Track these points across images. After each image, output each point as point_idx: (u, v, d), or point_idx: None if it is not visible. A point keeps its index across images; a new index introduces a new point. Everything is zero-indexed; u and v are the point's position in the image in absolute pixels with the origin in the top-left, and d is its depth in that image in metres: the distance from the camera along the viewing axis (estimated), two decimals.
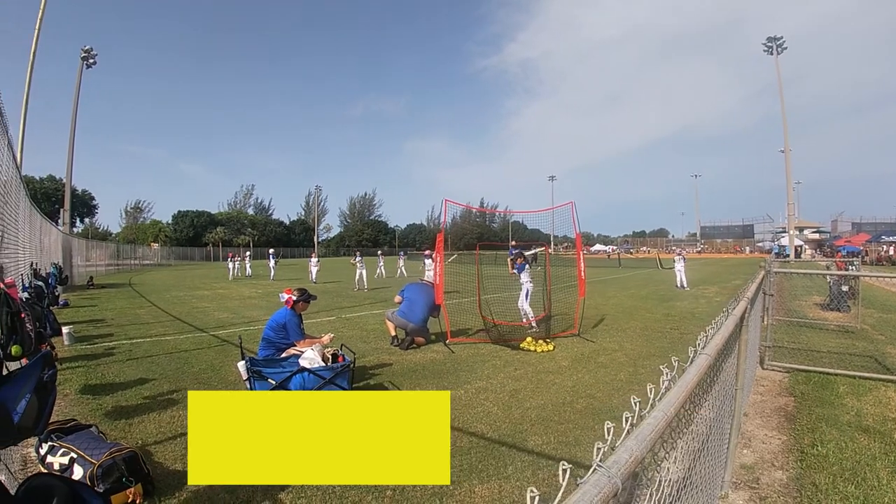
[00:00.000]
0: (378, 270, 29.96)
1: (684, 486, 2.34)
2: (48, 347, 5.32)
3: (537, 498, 0.98)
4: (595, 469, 1.11)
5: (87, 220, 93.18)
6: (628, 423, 1.43)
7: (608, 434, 1.31)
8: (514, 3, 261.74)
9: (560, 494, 1.00)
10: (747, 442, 5.46)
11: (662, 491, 1.78)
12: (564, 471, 1.10)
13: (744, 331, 4.07)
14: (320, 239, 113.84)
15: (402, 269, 34.45)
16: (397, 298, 10.90)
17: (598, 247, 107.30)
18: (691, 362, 2.12)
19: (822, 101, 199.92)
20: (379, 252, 36.08)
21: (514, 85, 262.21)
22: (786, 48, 58.71)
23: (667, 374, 1.84)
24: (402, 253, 38.90)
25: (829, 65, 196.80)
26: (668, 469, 1.90)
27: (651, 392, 1.68)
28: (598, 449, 1.20)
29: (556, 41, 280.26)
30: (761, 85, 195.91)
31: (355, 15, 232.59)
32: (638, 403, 1.53)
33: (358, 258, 25.75)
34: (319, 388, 6.09)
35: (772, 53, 59.24)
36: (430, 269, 20.52)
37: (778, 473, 4.71)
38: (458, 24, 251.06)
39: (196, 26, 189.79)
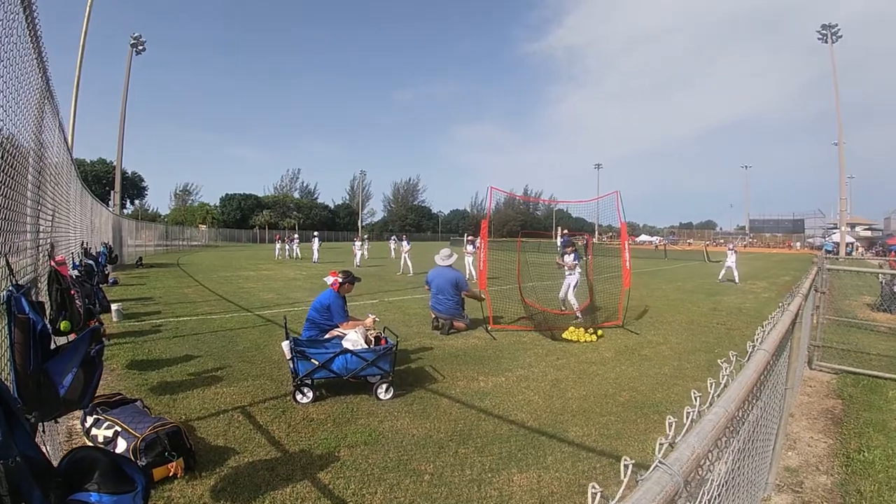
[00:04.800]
0: (361, 253, 29.75)
1: (729, 486, 2.26)
2: (97, 323, 5.42)
3: (599, 495, 0.92)
4: (657, 466, 1.06)
5: (136, 201, 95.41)
6: (689, 419, 1.37)
7: (669, 429, 1.27)
8: None
9: (621, 491, 0.97)
10: (792, 444, 5.31)
11: (711, 491, 1.71)
12: (626, 466, 1.07)
13: (797, 328, 3.97)
14: (364, 223, 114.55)
15: (396, 251, 34.60)
16: (426, 287, 10.92)
17: (643, 237, 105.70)
18: (749, 357, 2.06)
19: (880, 93, 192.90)
20: (366, 237, 35.74)
21: (558, 72, 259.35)
22: (841, 36, 56.53)
23: (725, 368, 1.77)
24: (392, 237, 38.83)
25: (889, 54, 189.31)
26: (718, 469, 1.82)
27: (711, 387, 1.61)
28: (661, 445, 1.16)
29: (603, 27, 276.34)
30: (817, 74, 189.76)
31: None
32: (698, 398, 1.47)
33: (404, 242, 25.80)
34: (361, 370, 6.12)
35: (826, 42, 57.30)
36: (472, 255, 20.59)
37: (822, 478, 4.58)
38: (507, 6, 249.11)
39: (243, 7, 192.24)
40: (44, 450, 3.62)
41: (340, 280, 7.41)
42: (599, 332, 10.09)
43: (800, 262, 38.86)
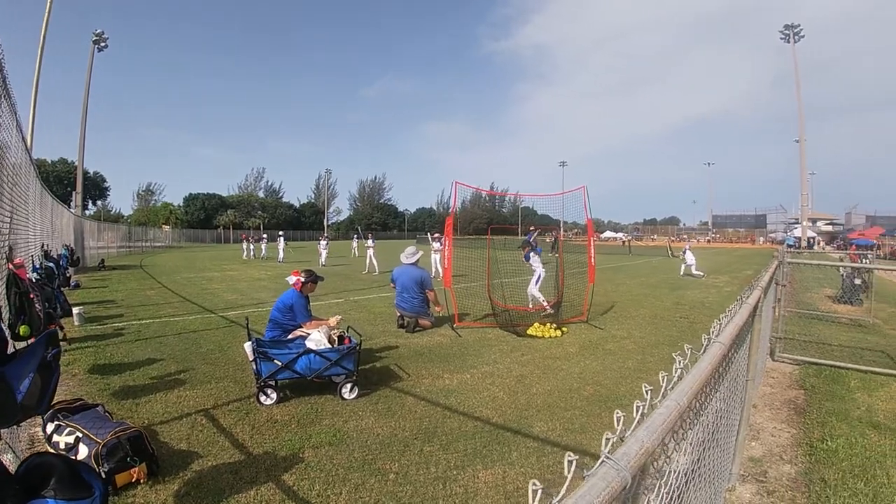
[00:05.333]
0: (326, 252, 29.76)
1: (691, 477, 2.30)
2: (56, 327, 5.35)
3: (540, 491, 0.91)
4: (603, 461, 1.05)
5: (98, 202, 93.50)
6: (639, 413, 1.37)
7: (618, 423, 1.24)
8: None
9: (565, 488, 0.95)
10: (756, 434, 5.43)
11: (670, 483, 1.74)
12: (570, 462, 1.04)
13: (756, 321, 4.04)
14: (330, 222, 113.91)
15: (356, 250, 36.38)
16: (392, 285, 10.92)
17: (608, 233, 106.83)
18: (705, 350, 2.08)
19: (839, 92, 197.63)
20: (324, 236, 36.20)
21: (527, 70, 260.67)
22: (803, 36, 57.92)
23: (679, 361, 1.78)
24: (354, 235, 41.48)
25: (849, 56, 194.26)
26: (677, 460, 1.85)
27: (663, 380, 1.61)
28: (608, 440, 1.14)
29: (571, 25, 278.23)
30: (779, 74, 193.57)
31: None
32: (650, 392, 1.47)
33: (369, 241, 25.78)
34: (325, 370, 6.12)
35: (789, 41, 58.48)
36: (439, 252, 20.64)
37: (786, 467, 4.68)
38: (473, 4, 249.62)
39: (208, 5, 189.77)
40: (5, 457, 3.59)
41: (303, 280, 7.39)
42: (564, 328, 10.21)
43: (762, 256, 39.52)
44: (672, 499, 1.81)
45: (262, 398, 5.90)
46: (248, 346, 6.03)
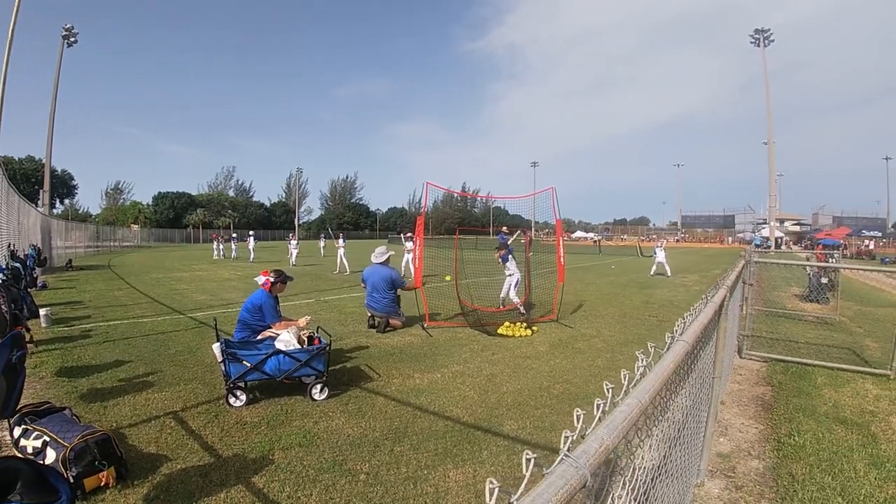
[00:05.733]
0: (297, 251, 29.82)
1: (660, 473, 2.33)
2: (22, 329, 5.29)
3: (497, 490, 0.91)
4: (562, 459, 1.04)
5: (66, 201, 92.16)
6: (600, 411, 1.36)
7: (578, 421, 1.23)
8: None
9: (523, 486, 0.95)
10: (724, 430, 5.53)
11: (637, 479, 1.77)
12: (528, 460, 1.03)
13: (722, 319, 4.10)
14: (301, 221, 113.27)
15: (323, 249, 36.28)
16: (362, 285, 10.92)
17: (578, 233, 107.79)
18: (668, 349, 2.11)
19: (808, 95, 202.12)
20: (291, 235, 36.79)
21: (500, 69, 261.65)
22: (773, 40, 59.04)
23: (642, 359, 1.79)
24: (322, 235, 42.58)
25: (819, 60, 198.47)
26: (642, 457, 1.88)
27: (625, 378, 1.62)
28: (566, 438, 1.12)
29: (544, 26, 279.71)
30: (749, 77, 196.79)
31: None
32: (611, 390, 1.45)
33: (340, 240, 25.71)
34: (295, 371, 6.12)
35: (759, 45, 59.41)
36: (410, 253, 20.68)
37: (754, 462, 4.77)
38: (446, 4, 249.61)
39: (177, 4, 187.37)
40: None
41: (272, 279, 7.35)
42: (534, 327, 10.31)
43: (731, 255, 40.10)
44: (640, 494, 1.85)
45: (232, 400, 5.88)
46: (216, 347, 5.99)
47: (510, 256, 12.77)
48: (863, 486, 4.24)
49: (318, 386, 6.18)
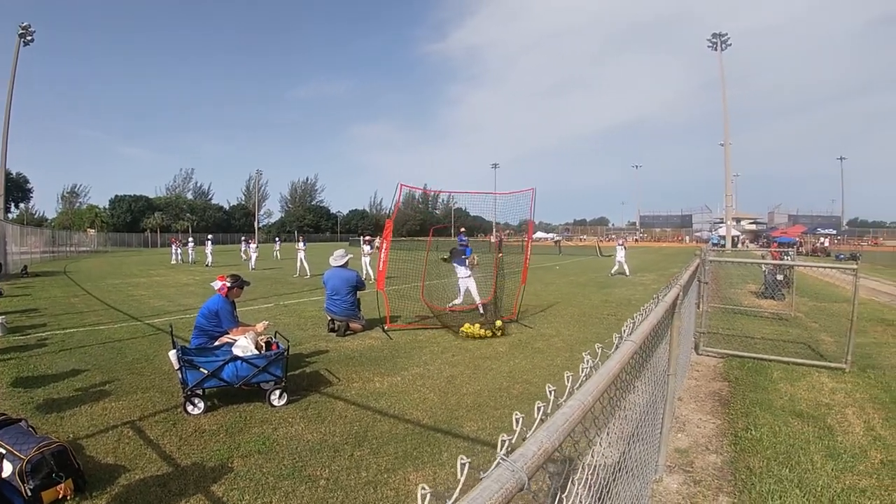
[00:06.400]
0: (256, 255, 29.79)
1: (618, 470, 2.39)
2: None
3: (429, 495, 0.91)
4: (499, 463, 1.02)
5: (22, 205, 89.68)
6: (541, 413, 1.31)
7: (516, 424, 1.19)
8: None
9: (457, 491, 0.93)
10: (682, 426, 5.66)
11: (598, 476, 1.84)
12: (462, 465, 1.02)
13: (676, 317, 4.21)
14: (261, 224, 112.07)
15: (278, 253, 36.90)
16: (324, 288, 10.93)
17: (539, 234, 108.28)
18: (615, 349, 2.13)
19: (764, 98, 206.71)
20: (244, 238, 37.06)
21: (459, 71, 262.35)
22: (730, 45, 60.07)
23: (588, 360, 1.77)
24: (276, 239, 44.31)
25: (773, 65, 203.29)
26: (601, 454, 1.96)
27: (569, 380, 1.58)
28: (503, 441, 1.11)
29: (504, 29, 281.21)
30: (705, 80, 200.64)
31: None
32: (553, 392, 1.42)
33: (300, 243, 25.59)
34: (253, 377, 6.12)
35: (716, 49, 60.48)
36: (369, 255, 20.71)
37: (712, 457, 4.89)
38: (407, 7, 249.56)
39: (134, 4, 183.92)
40: None
41: (229, 284, 7.31)
42: (498, 322, 10.36)
43: (688, 254, 40.34)
44: (598, 491, 1.93)
45: (189, 408, 5.86)
46: (172, 354, 5.94)
47: (464, 260, 12.87)
48: (820, 477, 4.36)
49: (277, 392, 6.18)
